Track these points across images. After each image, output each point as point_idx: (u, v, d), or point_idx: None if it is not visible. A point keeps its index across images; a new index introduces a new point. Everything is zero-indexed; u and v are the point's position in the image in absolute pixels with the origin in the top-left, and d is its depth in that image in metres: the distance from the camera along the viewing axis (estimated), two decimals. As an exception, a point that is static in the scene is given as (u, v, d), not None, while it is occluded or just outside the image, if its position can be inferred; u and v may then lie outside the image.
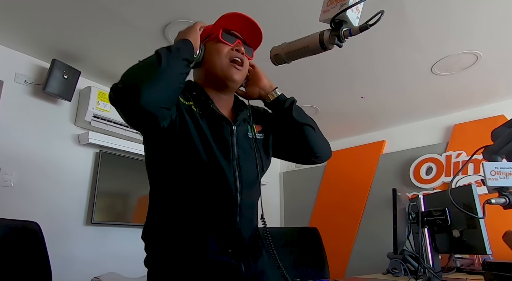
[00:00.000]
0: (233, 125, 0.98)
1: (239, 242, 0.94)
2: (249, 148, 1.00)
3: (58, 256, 1.54)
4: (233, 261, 0.91)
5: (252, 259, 0.98)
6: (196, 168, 0.89)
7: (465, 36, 2.05)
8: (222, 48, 0.97)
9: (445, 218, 1.58)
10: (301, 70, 2.42)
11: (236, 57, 0.97)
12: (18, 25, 1.97)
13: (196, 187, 0.90)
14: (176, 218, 0.91)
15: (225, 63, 0.97)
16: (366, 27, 0.73)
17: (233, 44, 0.99)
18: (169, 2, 1.78)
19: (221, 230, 0.91)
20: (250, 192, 0.97)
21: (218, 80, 0.98)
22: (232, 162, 0.93)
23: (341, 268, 3.33)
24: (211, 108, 0.96)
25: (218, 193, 0.91)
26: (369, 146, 3.57)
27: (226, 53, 0.97)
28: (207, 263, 0.88)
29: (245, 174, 0.95)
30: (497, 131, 1.28)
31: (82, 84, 2.46)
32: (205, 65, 0.99)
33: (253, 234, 1.00)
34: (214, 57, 0.97)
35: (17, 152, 2.14)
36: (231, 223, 0.92)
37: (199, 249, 0.88)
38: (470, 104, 2.96)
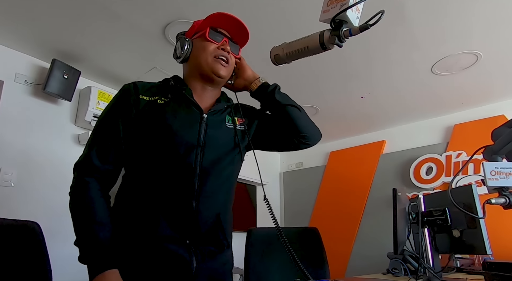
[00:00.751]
0: (203, 113, 1.00)
1: (195, 230, 0.93)
2: (220, 136, 1.01)
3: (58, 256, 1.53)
4: (184, 254, 0.90)
5: (208, 255, 0.95)
6: (159, 151, 0.94)
7: (465, 36, 2.05)
8: (208, 46, 1.01)
9: (445, 218, 1.57)
10: (301, 70, 2.42)
11: (222, 56, 1.01)
12: (18, 25, 1.97)
13: (157, 171, 0.93)
14: (135, 201, 0.94)
15: (210, 60, 1.01)
16: (366, 27, 0.72)
17: (219, 43, 1.02)
18: (169, 2, 1.78)
19: (175, 213, 0.91)
20: (213, 181, 0.97)
21: (204, 75, 1.03)
22: (196, 149, 0.95)
23: (341, 268, 3.33)
24: (183, 93, 1.00)
25: (176, 176, 0.93)
26: (369, 146, 3.57)
27: (212, 51, 1.01)
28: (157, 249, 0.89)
29: (208, 162, 0.96)
30: (497, 131, 1.28)
31: (82, 84, 2.46)
32: (192, 60, 1.04)
33: (215, 226, 0.97)
34: (201, 54, 1.02)
35: (17, 152, 2.14)
36: (186, 207, 0.92)
37: (150, 229, 0.89)
38: (470, 104, 2.96)
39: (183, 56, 1.03)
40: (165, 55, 2.22)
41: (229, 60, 1.04)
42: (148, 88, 1.00)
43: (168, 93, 1.00)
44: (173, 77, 1.08)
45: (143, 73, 2.47)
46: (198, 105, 1.00)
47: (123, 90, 1.00)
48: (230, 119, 1.07)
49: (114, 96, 1.02)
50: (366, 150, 3.58)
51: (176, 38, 1.10)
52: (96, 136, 0.96)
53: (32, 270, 1.12)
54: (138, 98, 0.96)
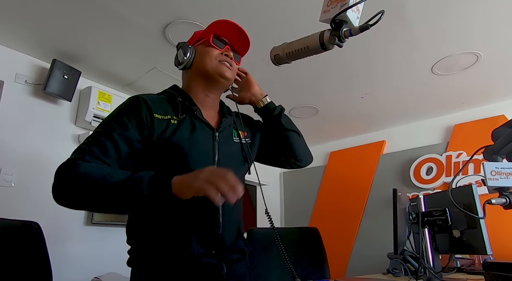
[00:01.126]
0: (215, 131, 1.01)
1: (222, 243, 0.95)
2: (231, 153, 1.04)
3: (58, 256, 1.54)
4: (215, 262, 0.92)
5: (235, 261, 0.99)
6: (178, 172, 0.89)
7: (465, 36, 2.05)
8: (212, 51, 1.03)
9: (446, 218, 1.57)
10: (302, 70, 2.42)
11: (225, 61, 1.03)
12: (18, 26, 1.97)
13: None
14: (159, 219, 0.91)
15: (215, 63, 1.02)
16: (367, 27, 0.72)
17: (223, 49, 1.04)
18: (170, 3, 1.78)
19: (204, 231, 0.92)
20: None
21: (209, 78, 1.03)
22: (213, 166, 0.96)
23: (341, 268, 3.33)
24: (195, 115, 0.99)
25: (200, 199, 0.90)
26: (369, 146, 3.57)
27: (216, 55, 1.03)
28: (189, 263, 0.90)
29: None
30: (497, 131, 1.28)
31: (83, 84, 2.46)
32: (195, 66, 1.04)
33: (237, 236, 1.02)
34: (205, 58, 1.02)
35: (18, 152, 2.15)
36: (214, 224, 0.94)
37: (182, 249, 0.89)
38: (470, 104, 2.96)
39: (186, 62, 1.04)
40: (165, 55, 2.22)
41: (232, 65, 1.05)
42: (158, 104, 0.96)
43: (179, 112, 0.98)
44: (174, 89, 1.06)
45: (144, 73, 2.47)
46: (209, 124, 1.01)
47: (133, 102, 0.94)
48: (235, 133, 1.09)
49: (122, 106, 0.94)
50: (366, 150, 3.58)
51: (177, 47, 1.10)
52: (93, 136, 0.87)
53: (32, 270, 1.12)
54: (152, 116, 0.92)
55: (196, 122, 0.99)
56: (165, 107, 0.97)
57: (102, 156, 0.82)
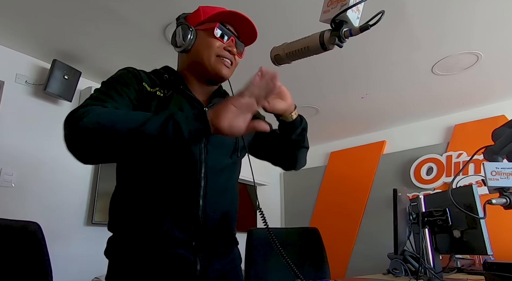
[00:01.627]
0: (204, 107, 0.95)
1: (203, 231, 0.88)
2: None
3: (58, 257, 1.54)
4: (189, 256, 0.86)
5: (216, 256, 0.92)
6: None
7: (466, 37, 2.05)
8: (214, 43, 0.94)
9: (446, 219, 1.57)
10: (302, 70, 2.42)
11: (226, 58, 0.95)
12: (19, 26, 1.98)
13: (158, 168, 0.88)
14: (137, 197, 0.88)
15: (214, 59, 0.94)
16: (367, 27, 0.72)
17: (226, 42, 0.96)
18: (170, 3, 1.78)
19: (181, 213, 0.86)
20: (218, 177, 0.93)
21: (205, 72, 0.96)
22: (199, 145, 0.90)
23: (341, 269, 3.33)
24: (181, 89, 0.94)
25: (181, 174, 0.88)
26: (370, 146, 3.57)
27: (217, 50, 0.94)
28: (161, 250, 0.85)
29: (212, 158, 0.92)
30: (497, 131, 1.27)
31: (83, 85, 2.46)
32: (193, 54, 0.97)
33: (222, 225, 0.94)
34: (204, 50, 0.94)
35: (18, 152, 2.15)
36: (193, 206, 0.88)
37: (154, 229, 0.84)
38: (470, 104, 2.96)
39: (184, 47, 0.95)
40: (166, 55, 2.22)
41: (233, 62, 0.98)
42: (147, 77, 0.93)
43: (165, 88, 0.93)
44: (164, 68, 1.01)
45: (144, 74, 2.47)
46: (197, 99, 0.96)
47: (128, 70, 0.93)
48: None
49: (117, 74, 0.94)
50: (366, 151, 3.58)
51: (177, 21, 1.02)
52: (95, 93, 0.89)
53: (32, 270, 1.12)
54: (142, 85, 0.90)
55: (182, 98, 0.94)
56: (152, 81, 0.93)
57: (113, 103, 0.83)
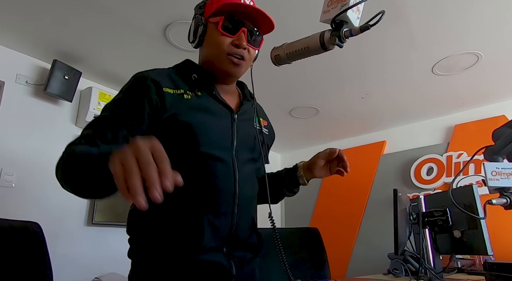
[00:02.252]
0: (234, 113, 0.92)
1: (235, 237, 0.88)
2: (248, 139, 0.95)
3: (59, 257, 1.54)
4: (223, 262, 0.84)
5: (247, 261, 0.92)
6: (194, 156, 0.83)
7: (466, 37, 2.05)
8: (221, 40, 0.88)
9: (446, 219, 1.57)
10: (302, 70, 2.41)
11: (236, 54, 0.88)
12: (19, 26, 1.98)
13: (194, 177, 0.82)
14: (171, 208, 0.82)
15: (223, 58, 0.89)
16: (367, 28, 0.72)
17: (234, 36, 0.88)
18: (170, 3, 1.78)
19: (218, 221, 0.84)
20: (247, 183, 0.92)
21: (216, 72, 0.92)
22: (231, 152, 0.89)
23: (342, 269, 3.33)
24: (214, 94, 0.90)
25: (217, 183, 0.85)
26: (370, 146, 3.57)
27: (225, 48, 0.88)
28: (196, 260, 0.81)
29: (242, 165, 0.90)
30: (498, 131, 1.27)
31: (83, 85, 2.46)
32: (204, 49, 0.93)
33: (251, 230, 0.94)
34: (212, 48, 0.90)
35: (18, 152, 2.15)
36: (229, 214, 0.86)
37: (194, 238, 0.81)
38: (471, 104, 2.96)
39: (195, 43, 0.92)
40: (166, 55, 2.22)
41: (244, 57, 0.90)
42: (166, 77, 0.86)
43: (194, 89, 0.87)
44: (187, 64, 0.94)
45: (144, 74, 2.47)
46: (228, 105, 0.91)
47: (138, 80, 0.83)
48: (256, 119, 1.01)
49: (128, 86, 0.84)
50: (366, 151, 3.57)
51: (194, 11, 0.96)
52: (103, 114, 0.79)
53: (33, 270, 1.12)
54: (162, 91, 0.82)
55: (214, 102, 0.89)
56: (175, 81, 0.86)
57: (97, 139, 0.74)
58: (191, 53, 2.19)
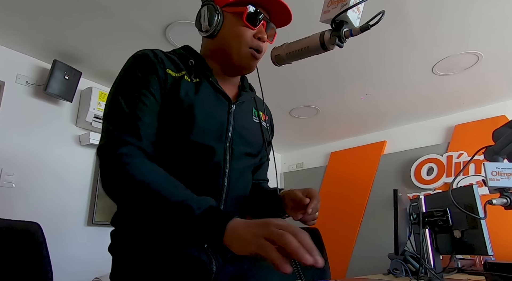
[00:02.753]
0: (232, 103, 0.87)
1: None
2: (245, 131, 0.89)
3: (59, 257, 1.54)
4: (204, 259, 0.79)
5: (230, 259, 0.84)
6: (182, 146, 0.79)
7: (466, 37, 2.05)
8: (244, 32, 0.84)
9: (446, 219, 1.57)
10: (302, 70, 2.42)
11: (257, 47, 0.85)
12: (19, 26, 1.98)
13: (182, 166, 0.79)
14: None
15: (244, 52, 0.85)
16: (367, 28, 0.72)
17: (256, 29, 0.85)
18: (170, 3, 1.78)
19: None
20: (239, 180, 0.87)
21: (232, 64, 0.87)
22: (224, 144, 0.83)
23: (342, 269, 3.33)
24: (210, 80, 0.85)
25: (204, 176, 0.80)
26: (370, 146, 3.57)
27: (249, 40, 0.84)
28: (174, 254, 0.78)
29: (235, 159, 0.85)
30: (498, 131, 1.27)
31: (83, 85, 2.46)
32: (219, 40, 0.86)
33: None
34: (233, 40, 0.84)
35: (18, 152, 2.15)
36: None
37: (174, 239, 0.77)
38: (471, 104, 2.96)
39: (211, 32, 0.84)
40: (166, 55, 2.22)
41: (263, 50, 0.87)
42: (168, 59, 0.82)
43: (192, 74, 0.83)
44: (186, 50, 0.90)
45: (144, 74, 2.47)
46: (226, 93, 0.86)
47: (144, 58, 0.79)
48: (256, 113, 0.96)
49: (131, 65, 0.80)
50: (367, 151, 3.57)
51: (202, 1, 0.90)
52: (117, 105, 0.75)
53: (33, 270, 1.12)
54: (166, 72, 0.79)
55: (210, 89, 0.84)
56: (177, 65, 0.83)
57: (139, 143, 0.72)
58: (191, 53, 2.20)
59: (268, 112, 1.05)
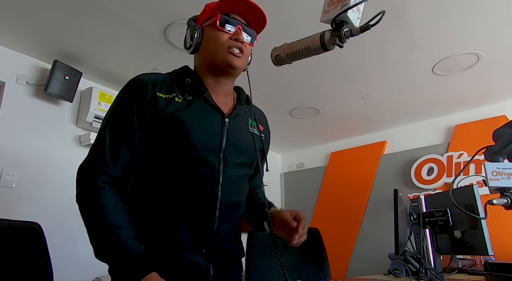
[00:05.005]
0: (225, 116, 0.92)
1: (215, 241, 0.89)
2: (240, 143, 0.94)
3: (59, 257, 1.54)
4: (201, 263, 0.86)
5: (226, 265, 0.92)
6: (179, 157, 0.86)
7: (466, 37, 2.05)
8: (220, 36, 0.91)
9: (447, 219, 1.57)
10: (302, 71, 2.42)
11: (235, 47, 0.91)
12: (20, 27, 1.98)
13: (177, 177, 0.87)
14: (153, 206, 0.87)
15: (222, 52, 0.91)
16: (367, 28, 0.72)
17: (232, 33, 0.92)
18: (170, 4, 1.78)
19: (196, 223, 0.86)
20: (234, 189, 0.93)
21: (217, 67, 0.94)
22: (218, 154, 0.88)
23: (342, 269, 3.33)
24: (204, 96, 0.92)
25: (199, 184, 0.87)
26: (370, 146, 3.57)
27: (225, 42, 0.91)
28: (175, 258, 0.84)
29: (230, 169, 0.90)
30: (498, 131, 1.27)
31: (84, 85, 2.46)
32: (202, 51, 0.95)
33: (232, 236, 0.94)
34: (211, 45, 0.92)
35: (19, 153, 2.15)
36: (209, 217, 0.87)
37: (170, 238, 0.84)
38: (471, 104, 2.96)
39: (193, 47, 0.94)
40: (167, 56, 2.22)
41: (243, 50, 0.93)
42: (161, 82, 0.90)
43: (186, 92, 0.91)
44: (184, 70, 0.98)
45: (144, 74, 2.47)
46: (219, 108, 0.92)
47: (134, 83, 0.89)
48: (251, 123, 1.01)
49: (123, 91, 0.90)
50: (367, 151, 3.57)
51: (187, 24, 1.00)
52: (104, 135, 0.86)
53: (33, 270, 1.13)
54: (155, 95, 0.87)
55: (204, 105, 0.91)
56: (169, 87, 0.90)
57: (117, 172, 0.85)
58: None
59: (265, 123, 1.11)
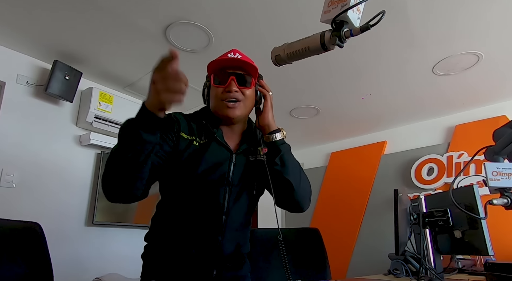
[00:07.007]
0: (233, 153, 1.07)
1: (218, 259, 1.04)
2: (246, 175, 1.09)
3: (59, 257, 1.54)
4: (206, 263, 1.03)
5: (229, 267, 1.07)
6: (193, 190, 1.03)
7: (467, 37, 2.05)
8: (216, 91, 1.06)
9: (447, 219, 1.57)
10: (302, 71, 2.42)
11: (227, 99, 1.04)
12: (20, 27, 1.98)
13: (191, 206, 1.03)
14: (171, 229, 1.04)
15: (218, 104, 1.05)
16: (367, 28, 0.72)
17: (224, 86, 1.04)
18: (171, 4, 1.78)
19: (202, 246, 1.02)
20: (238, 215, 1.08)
21: (217, 117, 1.09)
22: (225, 187, 1.04)
23: (342, 269, 3.32)
24: (215, 137, 1.06)
25: (207, 213, 1.03)
26: (371, 146, 3.57)
27: (220, 95, 1.05)
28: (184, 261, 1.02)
29: (236, 198, 1.06)
30: (498, 131, 1.27)
31: (84, 85, 2.46)
32: (210, 104, 1.11)
33: (235, 255, 1.08)
34: (212, 101, 1.08)
35: (19, 153, 2.15)
36: (213, 241, 1.03)
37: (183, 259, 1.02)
38: (471, 104, 2.95)
39: (204, 100, 1.12)
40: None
41: (238, 98, 1.05)
42: (185, 124, 1.06)
43: (202, 135, 1.06)
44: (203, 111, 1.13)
45: (145, 74, 2.47)
46: (228, 146, 1.07)
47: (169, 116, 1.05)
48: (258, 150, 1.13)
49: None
50: (367, 151, 3.57)
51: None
52: None
53: (34, 270, 1.13)
54: (179, 134, 1.03)
55: (216, 146, 1.06)
56: (190, 129, 1.06)
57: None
58: (191, 54, 2.20)
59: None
